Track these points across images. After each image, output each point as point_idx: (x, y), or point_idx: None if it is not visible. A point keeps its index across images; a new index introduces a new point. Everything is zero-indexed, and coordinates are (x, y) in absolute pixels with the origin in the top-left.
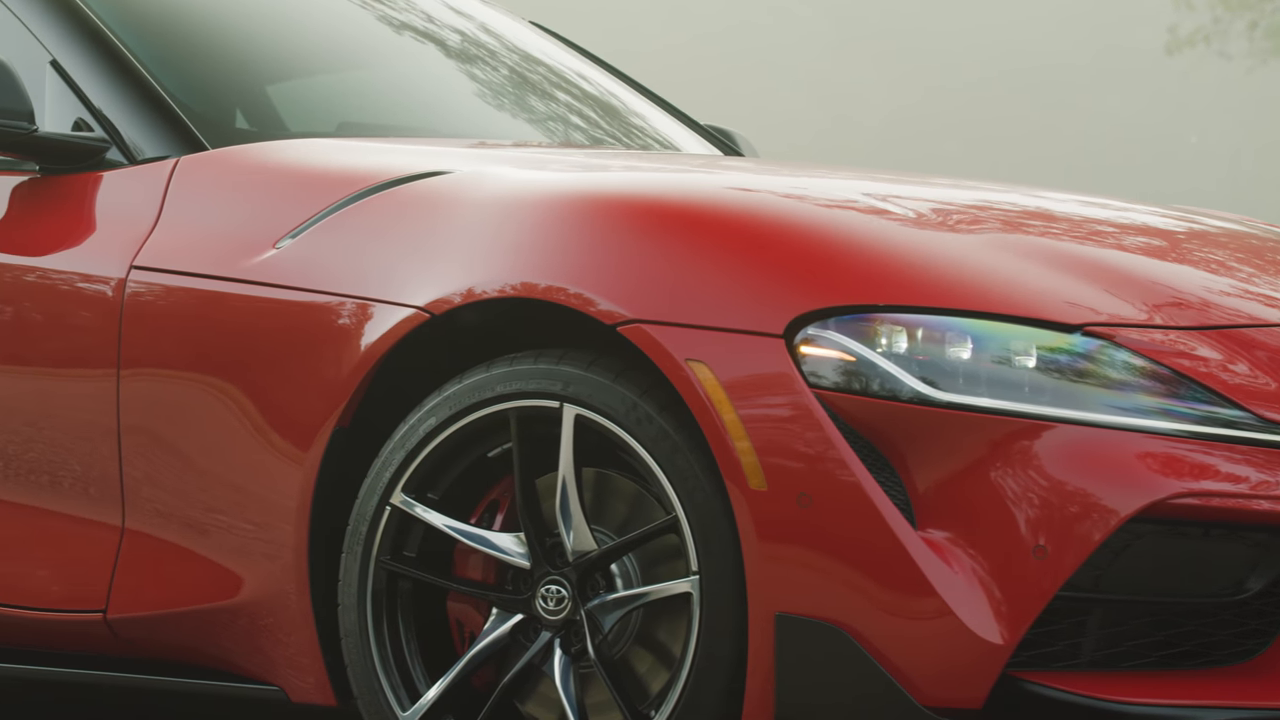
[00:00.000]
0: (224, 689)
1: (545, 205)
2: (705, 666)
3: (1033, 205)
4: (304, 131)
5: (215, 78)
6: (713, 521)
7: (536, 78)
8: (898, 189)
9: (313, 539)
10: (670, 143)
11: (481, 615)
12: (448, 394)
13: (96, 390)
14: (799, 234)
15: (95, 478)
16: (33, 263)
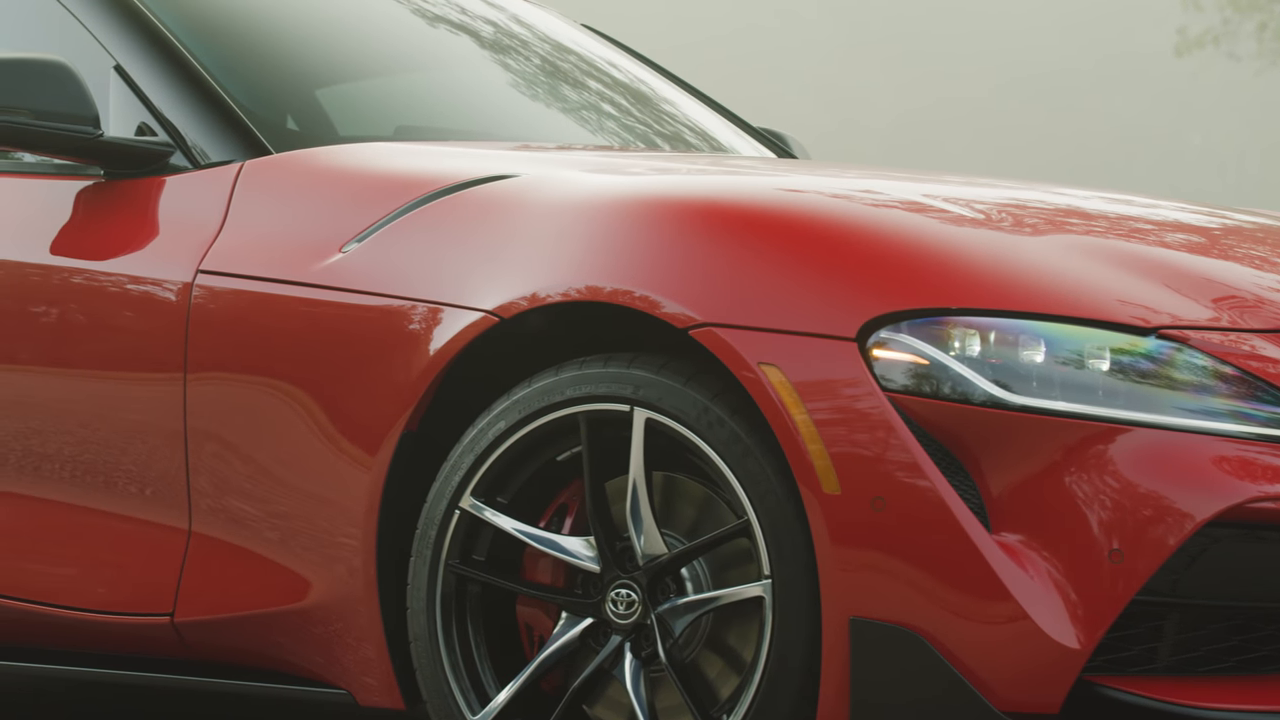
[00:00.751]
0: (290, 692)
1: (613, 208)
2: (778, 671)
3: (1088, 206)
4: (361, 135)
5: (274, 82)
6: (785, 525)
7: (590, 80)
8: (960, 191)
9: (381, 543)
10: (726, 145)
11: (550, 619)
12: (517, 398)
13: (163, 394)
14: (870, 237)
15: (161, 481)
16: (98, 267)
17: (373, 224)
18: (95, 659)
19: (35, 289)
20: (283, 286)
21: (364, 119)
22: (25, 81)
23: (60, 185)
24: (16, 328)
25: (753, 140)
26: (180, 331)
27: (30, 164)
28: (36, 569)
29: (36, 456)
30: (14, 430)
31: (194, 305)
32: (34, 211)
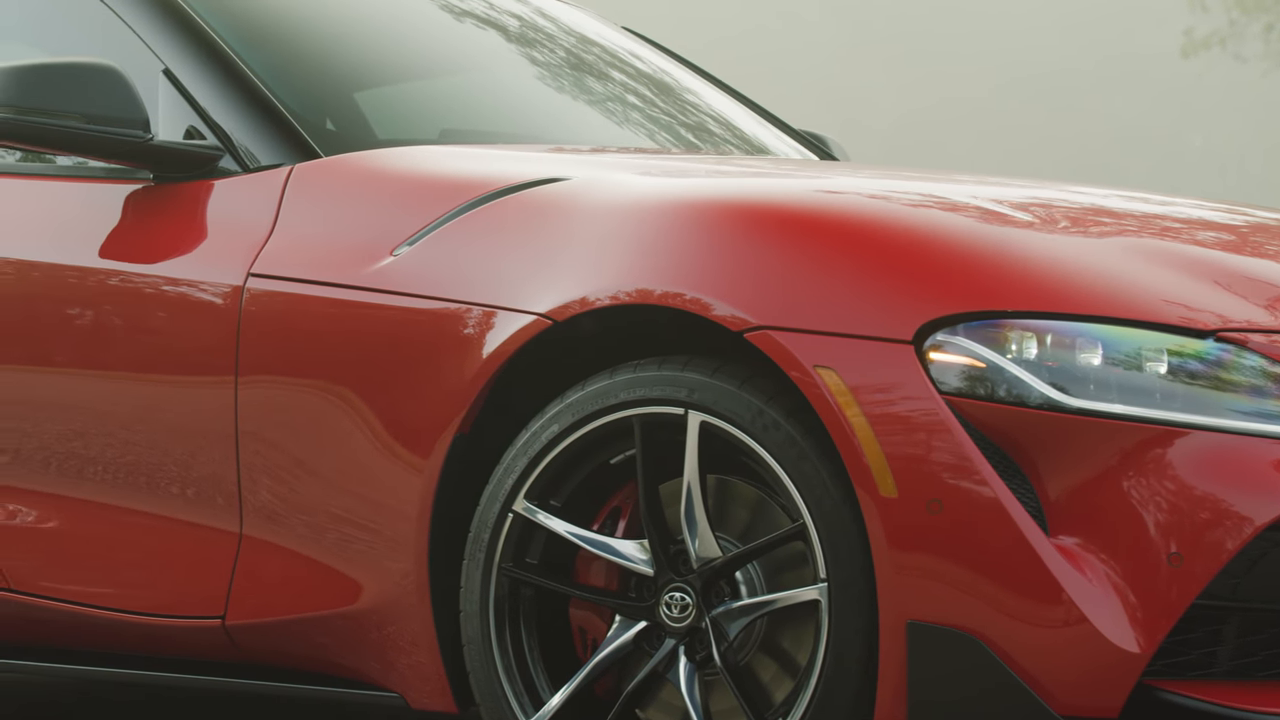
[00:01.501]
0: (341, 695)
1: (664, 211)
2: (834, 674)
3: (1129, 207)
4: (403, 138)
5: (318, 85)
6: (841, 528)
7: (633, 83)
8: (1005, 192)
9: (433, 545)
10: (769, 148)
11: (604, 622)
12: (570, 401)
13: (214, 397)
14: (926, 240)
15: (213, 484)
16: (147, 270)
17: (424, 227)
18: (144, 661)
19: (83, 291)
20: (334, 290)
21: (406, 122)
22: (76, 86)
23: (108, 188)
24: (62, 330)
25: (794, 142)
26: (231, 334)
27: (78, 167)
28: (86, 572)
29: (83, 459)
30: (57, 432)
31: (245, 308)
32: (82, 214)
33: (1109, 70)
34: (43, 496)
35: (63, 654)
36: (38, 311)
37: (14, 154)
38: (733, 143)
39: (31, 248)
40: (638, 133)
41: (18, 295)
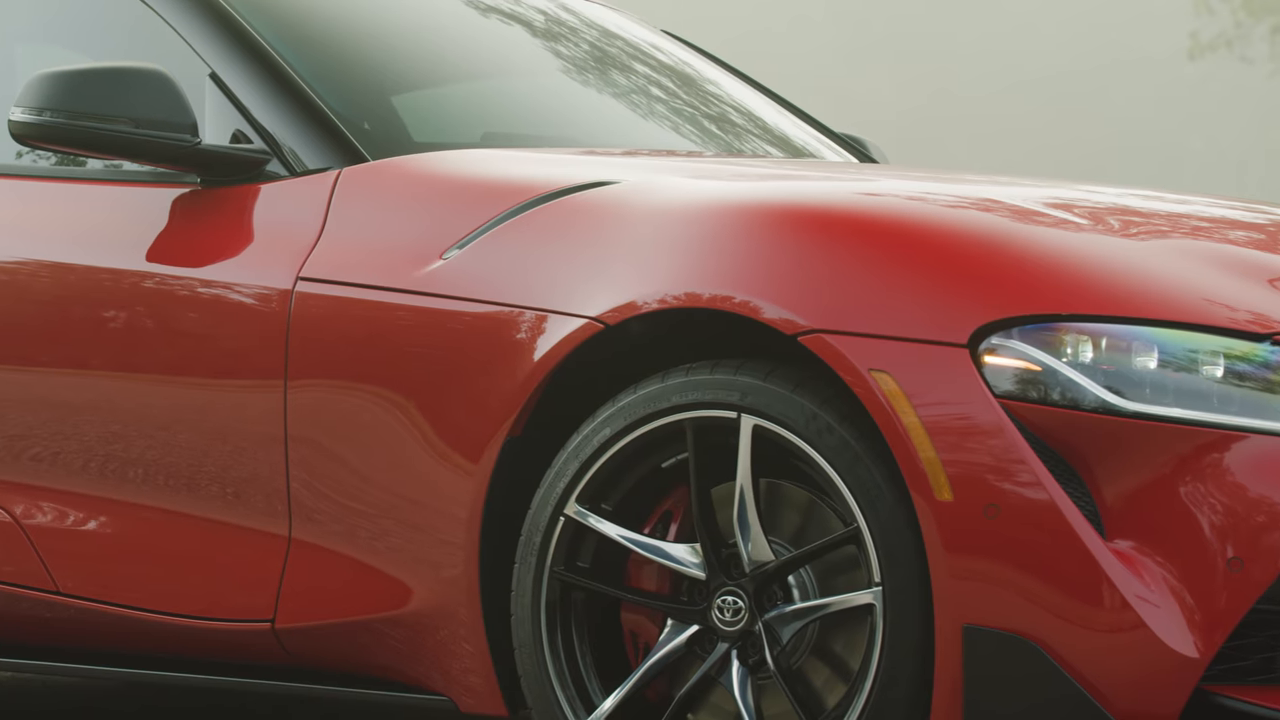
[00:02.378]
0: (390, 698)
1: (714, 215)
2: (889, 678)
3: (1178, 208)
4: (444, 141)
5: (363, 88)
6: (895, 532)
7: (673, 86)
8: (1054, 194)
9: (483, 549)
10: (812, 150)
11: (655, 626)
12: (622, 404)
13: (263, 401)
14: (979, 243)
15: (261, 488)
16: (196, 274)
17: (473, 230)
18: (190, 664)
19: (129, 295)
20: (384, 293)
21: (448, 125)
22: (125, 90)
23: (154, 192)
24: (107, 333)
25: (834, 145)
26: (280, 338)
27: (124, 172)
28: (134, 575)
29: (128, 462)
30: (103, 435)
31: (294, 312)
32: (128, 218)
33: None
34: (90, 499)
35: (109, 657)
36: (82, 314)
37: (63, 158)
38: (775, 146)
39: (77, 251)
40: (680, 136)
41: (61, 298)
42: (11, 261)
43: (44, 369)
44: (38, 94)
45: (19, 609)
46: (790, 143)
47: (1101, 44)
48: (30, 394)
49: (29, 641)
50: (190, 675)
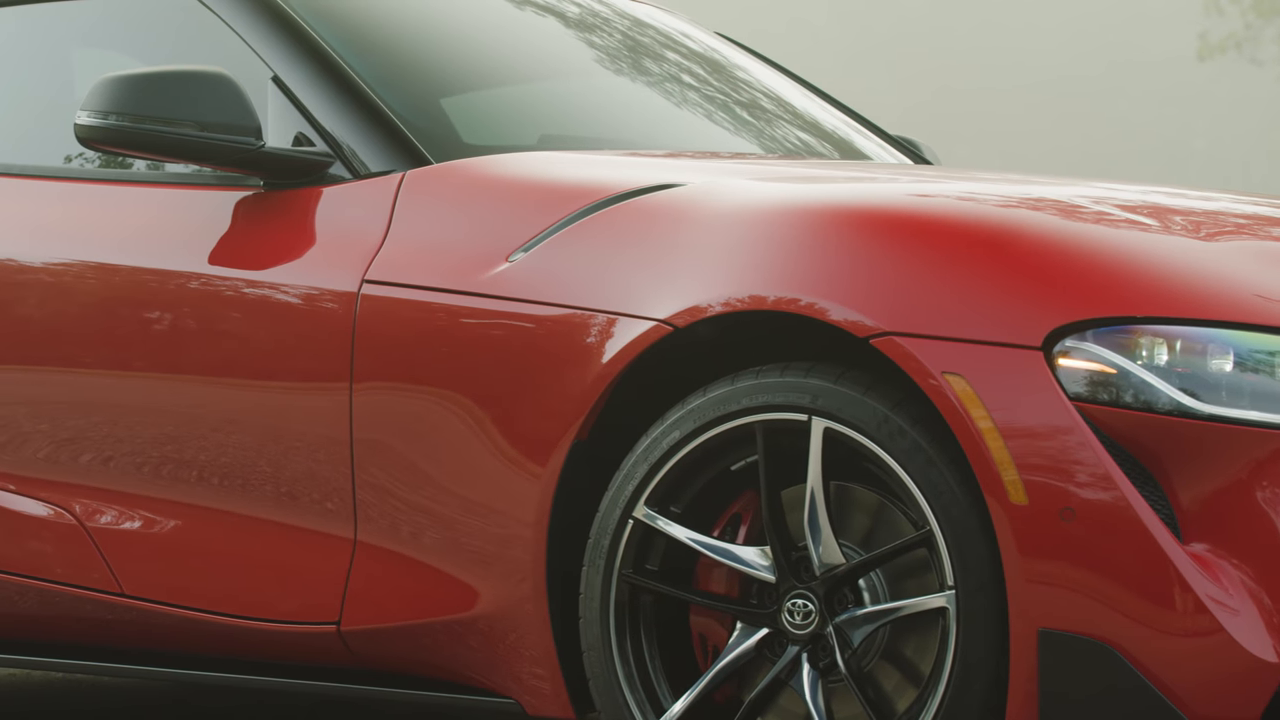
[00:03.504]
0: (456, 700)
1: (783, 217)
2: (963, 682)
3: (1237, 209)
4: (505, 144)
5: (423, 90)
6: (968, 536)
7: (727, 87)
8: (1118, 195)
9: (550, 551)
10: (869, 152)
11: (725, 629)
12: (692, 407)
13: (328, 403)
14: (1052, 245)
15: (327, 491)
16: (260, 276)
17: (539, 233)
18: (254, 666)
19: (192, 297)
20: (449, 296)
21: (503, 127)
22: (189, 94)
23: (217, 195)
24: (171, 334)
25: (889, 147)
26: (346, 341)
27: (187, 174)
28: (200, 577)
29: (192, 465)
30: (158, 436)
31: (360, 315)
32: (191, 221)
33: (1118, 73)
34: (153, 502)
35: (163, 657)
36: (142, 317)
37: (117, 160)
38: (833, 148)
39: (140, 253)
40: (738, 138)
41: (120, 300)
42: (70, 263)
43: (103, 371)
44: (103, 98)
45: (81, 610)
46: (848, 145)
47: (1108, 45)
48: (90, 396)
49: (88, 642)
50: (254, 677)
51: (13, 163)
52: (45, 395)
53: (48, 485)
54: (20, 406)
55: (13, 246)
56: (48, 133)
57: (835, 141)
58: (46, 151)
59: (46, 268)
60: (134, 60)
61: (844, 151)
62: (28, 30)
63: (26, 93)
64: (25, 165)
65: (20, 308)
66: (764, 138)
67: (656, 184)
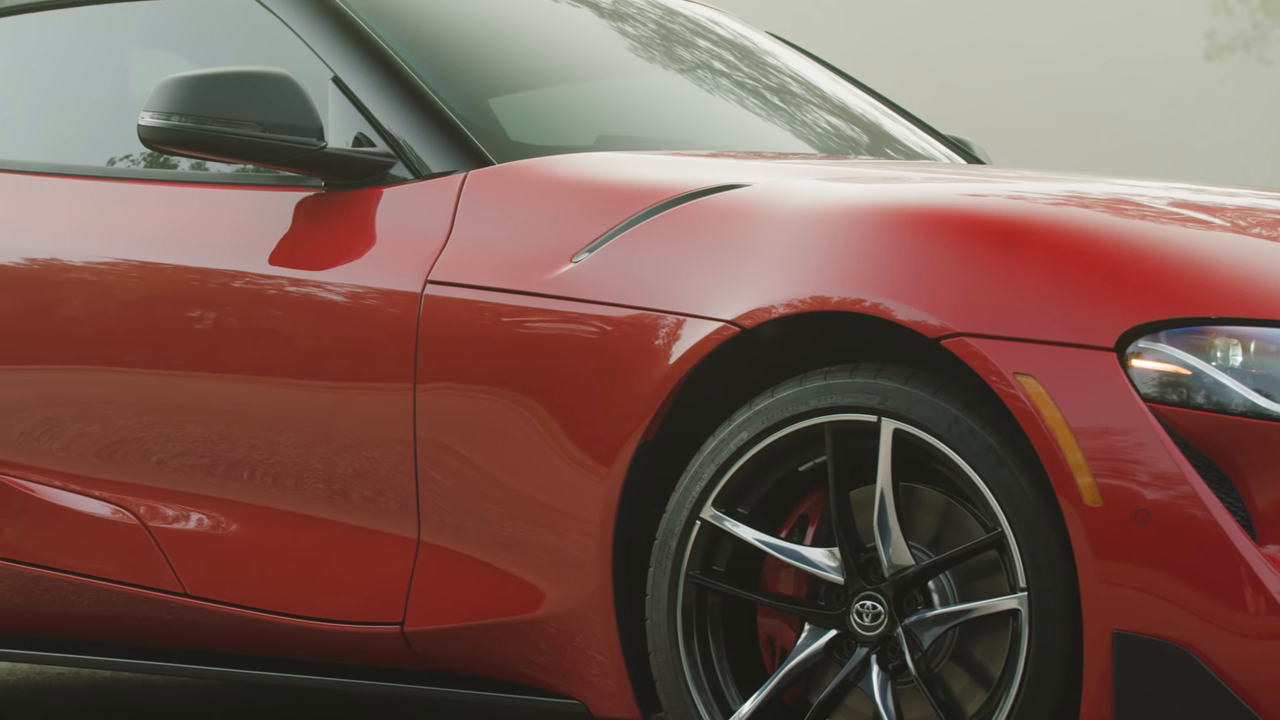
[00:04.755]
0: (520, 701)
1: (850, 217)
2: (1035, 685)
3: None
4: (564, 144)
5: (481, 91)
6: (1040, 537)
7: (783, 88)
8: (1186, 195)
9: (616, 552)
10: (926, 153)
11: (792, 630)
12: (760, 408)
13: (392, 404)
14: (1123, 245)
15: (390, 491)
16: (321, 277)
17: (604, 234)
18: (314, 666)
19: (253, 298)
20: (514, 296)
21: (559, 127)
22: (251, 94)
23: (278, 196)
24: (233, 335)
25: (943, 148)
26: (409, 341)
27: (247, 174)
28: (262, 577)
29: (256, 465)
30: (215, 435)
31: (423, 315)
32: (252, 221)
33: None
34: (216, 502)
35: (237, 659)
36: (203, 316)
37: (184, 162)
38: (890, 148)
39: (200, 254)
40: (796, 138)
41: (182, 300)
42: (125, 263)
43: (165, 371)
44: (166, 99)
45: (138, 610)
46: (904, 146)
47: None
48: (154, 396)
49: (144, 642)
50: (317, 677)
51: (71, 163)
52: (99, 395)
53: (108, 485)
54: (68, 406)
55: (68, 247)
56: (110, 134)
57: (892, 142)
58: (105, 152)
59: (100, 266)
60: (188, 62)
61: (901, 152)
62: (85, 31)
63: (86, 94)
64: (83, 166)
65: (66, 307)
66: (820, 138)
67: (721, 184)
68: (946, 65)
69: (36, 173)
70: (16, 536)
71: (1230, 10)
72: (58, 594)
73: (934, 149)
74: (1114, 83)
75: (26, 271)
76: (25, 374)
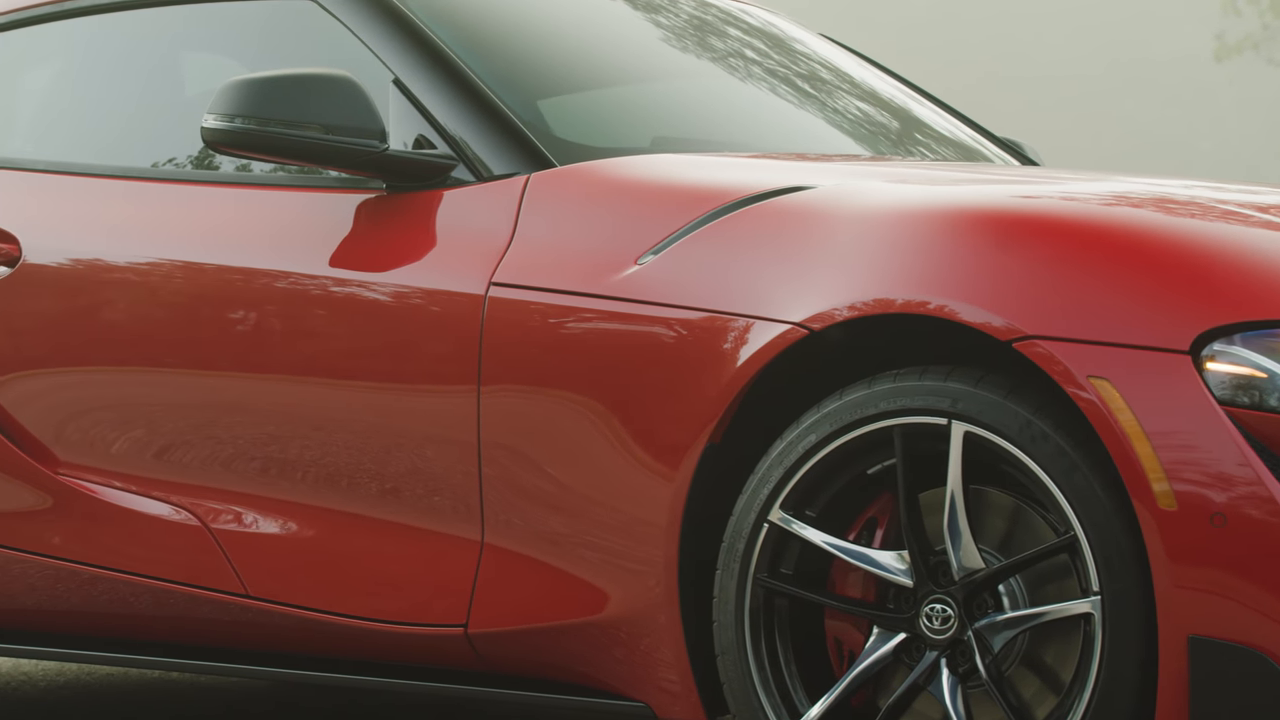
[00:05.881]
0: (584, 704)
1: (918, 220)
2: (1109, 690)
3: None
4: (620, 147)
5: (537, 93)
6: (1114, 541)
7: (837, 88)
8: (1245, 196)
9: (682, 555)
10: (980, 153)
11: (861, 633)
12: (828, 410)
13: (455, 406)
14: (1197, 246)
15: (452, 493)
16: (383, 279)
17: (668, 236)
18: (374, 668)
19: (313, 299)
20: (579, 299)
21: (615, 129)
22: (313, 96)
23: (338, 198)
24: (292, 337)
25: (998, 150)
26: (473, 343)
27: (307, 176)
28: (324, 579)
29: (322, 467)
30: (277, 435)
31: (487, 317)
32: (312, 223)
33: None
34: (277, 503)
35: (292, 659)
36: (262, 319)
37: (243, 163)
38: (947, 150)
39: (260, 255)
40: (851, 140)
41: (244, 301)
42: (186, 264)
43: (229, 372)
44: (229, 101)
45: (196, 611)
46: (963, 147)
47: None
48: (215, 397)
49: (201, 643)
50: (379, 679)
51: (129, 165)
52: (160, 397)
53: (168, 486)
54: (131, 408)
55: (131, 249)
56: (168, 136)
57: (948, 144)
58: (163, 154)
59: (164, 268)
60: (242, 65)
61: (957, 154)
62: (141, 35)
63: (142, 97)
64: (149, 169)
65: (132, 308)
66: (875, 140)
67: (787, 187)
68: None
69: (104, 175)
70: (76, 537)
71: (1239, 12)
72: (115, 594)
73: (989, 151)
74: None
75: (92, 273)
76: (87, 375)
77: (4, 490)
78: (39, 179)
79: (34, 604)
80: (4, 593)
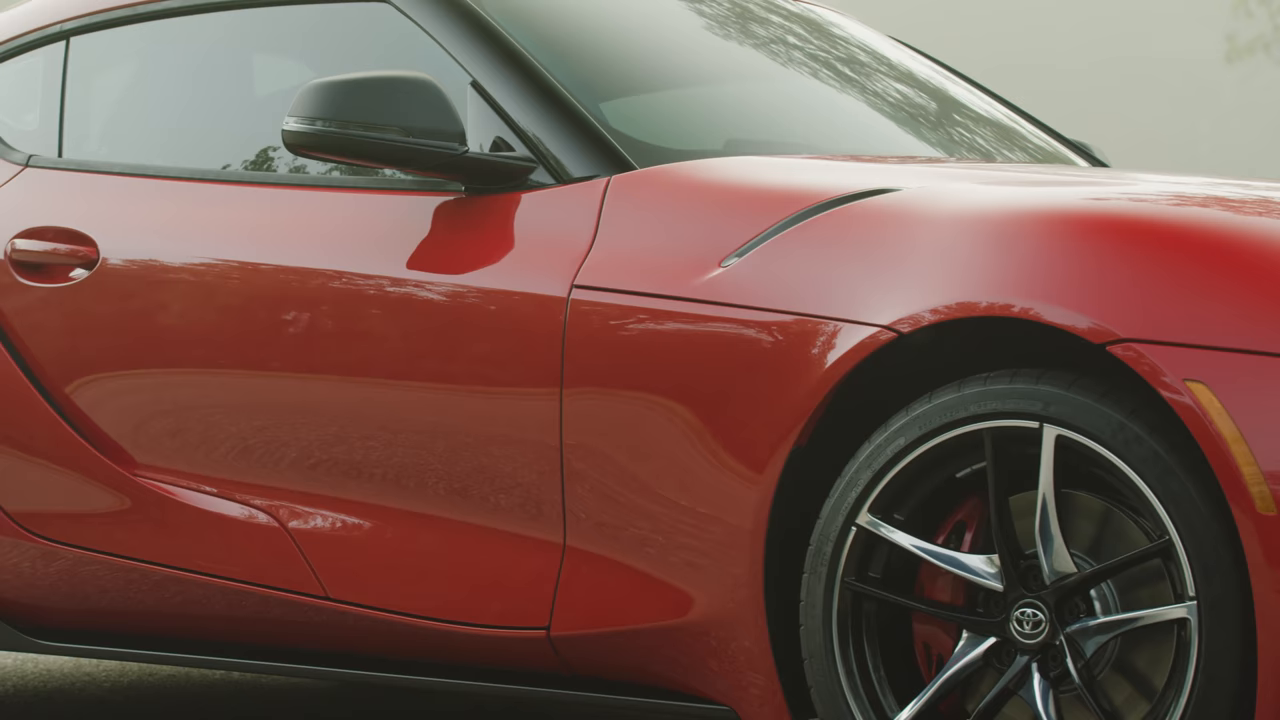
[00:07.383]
0: (668, 707)
1: (1006, 222)
2: (1206, 695)
3: None
4: (696, 149)
5: (612, 95)
6: (1210, 545)
7: (908, 90)
8: None
9: (768, 558)
10: (1056, 156)
11: (950, 638)
12: (917, 414)
13: (538, 408)
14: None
15: (536, 495)
16: (463, 281)
17: (752, 238)
18: (456, 670)
19: (394, 302)
20: (662, 301)
21: (687, 130)
22: (395, 99)
23: (417, 200)
24: (375, 339)
25: (1068, 151)
26: (556, 346)
27: (385, 179)
28: (404, 581)
29: (402, 469)
30: (365, 437)
31: (570, 320)
32: (391, 226)
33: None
34: (358, 506)
35: (362, 660)
36: (342, 322)
37: (322, 166)
38: (1022, 151)
39: (338, 258)
40: (922, 141)
41: (324, 302)
42: (263, 265)
43: (306, 373)
44: (310, 103)
45: (269, 612)
46: (1036, 148)
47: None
48: (292, 398)
49: (274, 644)
50: (462, 682)
51: (205, 168)
52: (238, 399)
53: (246, 487)
54: (210, 410)
55: (214, 251)
56: (245, 140)
57: (1024, 145)
58: (237, 158)
59: (248, 269)
60: (312, 69)
61: (1031, 155)
62: (215, 38)
63: (219, 101)
64: (215, 170)
65: (216, 311)
66: (949, 141)
67: (870, 189)
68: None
69: (180, 178)
70: (151, 538)
71: (1251, 13)
72: (187, 595)
73: (1062, 152)
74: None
75: (168, 275)
76: (164, 376)
77: (82, 492)
78: (114, 181)
79: (105, 605)
80: (76, 594)
